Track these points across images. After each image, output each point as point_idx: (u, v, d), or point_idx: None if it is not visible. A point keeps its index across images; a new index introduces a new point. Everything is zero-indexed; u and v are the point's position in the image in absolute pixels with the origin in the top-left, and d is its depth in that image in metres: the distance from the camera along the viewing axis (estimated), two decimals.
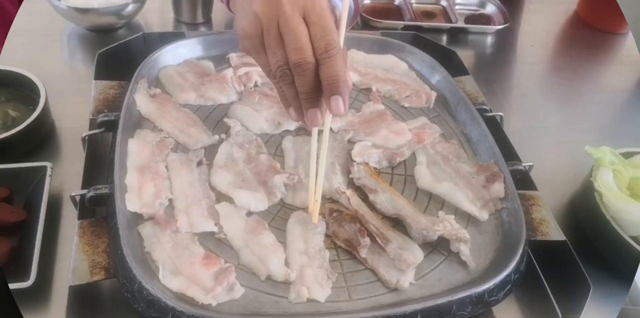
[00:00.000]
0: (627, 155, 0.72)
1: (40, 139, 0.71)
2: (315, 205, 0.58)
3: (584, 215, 0.71)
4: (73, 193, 0.57)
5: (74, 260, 0.52)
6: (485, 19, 1.06)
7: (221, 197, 0.60)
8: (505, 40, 1.06)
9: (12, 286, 0.52)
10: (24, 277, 0.54)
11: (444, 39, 1.03)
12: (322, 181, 0.58)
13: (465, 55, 0.98)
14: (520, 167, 0.67)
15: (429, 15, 1.05)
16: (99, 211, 0.59)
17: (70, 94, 0.78)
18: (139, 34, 0.78)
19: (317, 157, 0.59)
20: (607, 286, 0.65)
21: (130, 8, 0.86)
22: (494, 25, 1.04)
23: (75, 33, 0.90)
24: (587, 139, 0.83)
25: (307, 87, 0.53)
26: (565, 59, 1.05)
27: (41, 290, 0.56)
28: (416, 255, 0.56)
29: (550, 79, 1.00)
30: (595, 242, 0.69)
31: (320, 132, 0.59)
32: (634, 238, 0.65)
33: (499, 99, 0.91)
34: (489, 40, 1.05)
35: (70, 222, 0.62)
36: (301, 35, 0.51)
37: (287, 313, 0.51)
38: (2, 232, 0.60)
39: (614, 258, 0.67)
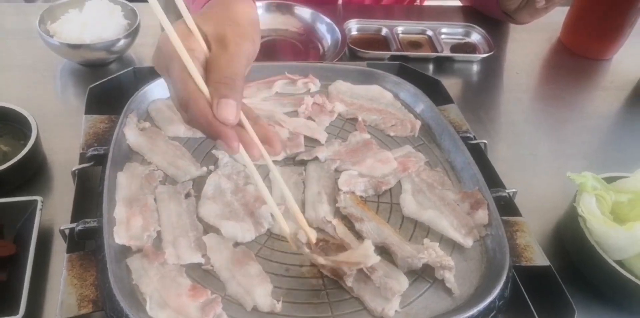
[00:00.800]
0: (610, 180, 0.73)
1: (31, 173, 0.72)
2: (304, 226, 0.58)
3: (569, 240, 0.72)
4: (62, 227, 0.58)
5: (62, 294, 0.52)
6: (471, 48, 1.08)
7: (209, 228, 0.61)
8: (491, 68, 1.08)
9: None
10: (13, 310, 0.55)
11: (430, 68, 1.05)
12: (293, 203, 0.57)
13: (452, 84, 1.00)
14: (504, 194, 0.68)
15: (415, 45, 1.08)
16: (88, 244, 0.60)
17: (61, 128, 0.79)
18: (130, 68, 0.80)
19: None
20: (592, 309, 0.66)
21: (121, 43, 0.89)
22: (479, 53, 1.06)
23: (67, 68, 0.92)
24: (572, 165, 0.84)
25: (205, 134, 0.50)
26: (550, 86, 1.07)
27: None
28: (401, 283, 0.57)
29: (536, 106, 1.02)
30: (580, 267, 0.70)
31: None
32: (618, 262, 0.65)
33: (486, 126, 0.93)
34: (475, 68, 1.07)
35: (59, 255, 0.63)
36: (171, 91, 0.51)
37: None
38: None
39: (599, 283, 0.68)
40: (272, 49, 1.02)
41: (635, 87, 1.07)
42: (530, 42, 1.19)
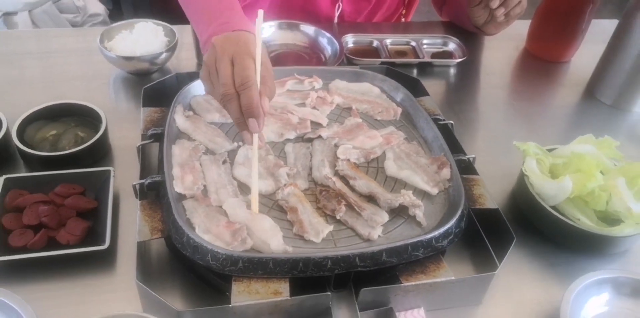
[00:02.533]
0: (552, 150, 0.94)
1: (102, 153, 0.94)
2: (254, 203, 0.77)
3: (518, 194, 0.93)
4: (134, 183, 0.79)
5: (138, 226, 0.73)
6: (448, 55, 1.30)
7: (241, 184, 0.82)
8: (466, 71, 1.30)
9: (93, 249, 0.74)
10: (100, 243, 0.76)
11: (414, 72, 1.26)
12: (256, 183, 0.77)
13: (432, 84, 1.21)
14: (464, 158, 0.89)
15: (401, 53, 1.30)
16: (149, 195, 0.81)
17: (118, 122, 1.00)
18: (173, 74, 1.02)
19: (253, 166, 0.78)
20: (534, 244, 0.87)
21: (163, 56, 1.11)
22: (455, 59, 1.28)
23: (119, 76, 1.15)
24: (527, 141, 1.05)
25: (235, 113, 0.74)
26: (516, 84, 1.29)
27: (112, 251, 0.78)
28: (383, 217, 0.78)
29: (503, 100, 1.23)
30: (527, 214, 0.90)
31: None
32: (552, 207, 0.86)
33: (458, 115, 1.14)
34: (452, 71, 1.28)
35: (126, 207, 0.85)
36: (227, 74, 0.73)
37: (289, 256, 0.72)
38: (81, 216, 0.82)
39: (539, 224, 0.88)
40: (284, 59, 1.24)
41: (588, 83, 1.28)
42: (500, 49, 1.40)
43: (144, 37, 1.11)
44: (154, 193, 0.80)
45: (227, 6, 0.89)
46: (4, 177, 0.83)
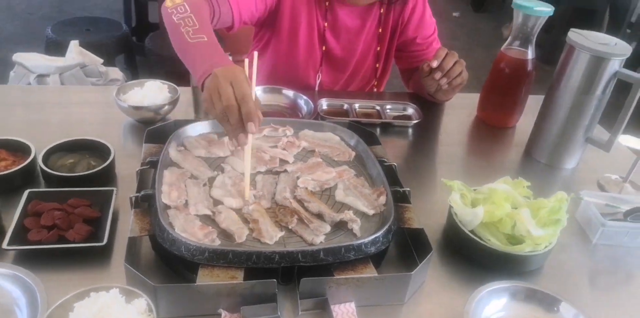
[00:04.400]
0: (476, 189, 1.15)
1: (109, 178, 1.16)
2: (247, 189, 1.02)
3: (447, 222, 1.12)
4: (131, 196, 1.00)
5: (131, 225, 0.93)
6: (407, 118, 1.54)
7: (215, 201, 1.03)
8: (424, 132, 1.52)
9: (93, 245, 0.94)
10: (100, 240, 0.96)
11: (378, 130, 1.50)
12: (249, 173, 1.03)
13: (391, 140, 1.45)
14: (399, 190, 1.09)
15: (367, 115, 1.54)
16: (141, 206, 1.01)
17: (124, 156, 1.22)
18: (172, 120, 1.26)
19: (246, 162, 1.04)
20: (456, 262, 1.05)
21: (166, 107, 1.36)
22: (411, 120, 1.52)
23: (128, 124, 1.39)
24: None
25: (234, 120, 0.97)
26: (467, 143, 1.51)
27: (109, 247, 0.98)
28: (326, 228, 0.98)
29: (455, 155, 1.44)
30: (452, 238, 1.09)
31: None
32: (471, 231, 1.05)
33: (409, 164, 1.36)
34: (410, 131, 1.52)
35: (123, 218, 1.05)
36: (228, 92, 0.98)
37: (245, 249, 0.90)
38: (86, 222, 1.02)
39: (461, 245, 1.07)
40: (267, 116, 1.48)
41: (526, 145, 1.50)
42: (456, 116, 1.64)
43: (151, 92, 1.37)
44: (146, 204, 1.01)
45: (218, 52, 1.15)
46: (28, 190, 1.04)
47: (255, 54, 1.07)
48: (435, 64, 1.37)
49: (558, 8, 1.58)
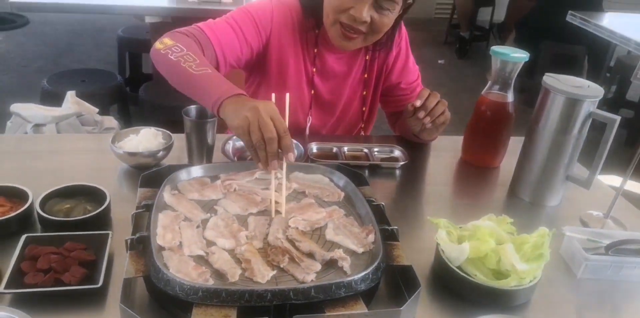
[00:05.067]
0: (462, 226, 1.18)
1: (104, 222, 1.19)
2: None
3: (434, 259, 1.15)
4: (126, 238, 1.03)
5: (126, 267, 0.96)
6: (394, 160, 1.59)
7: (209, 243, 1.06)
8: (411, 173, 1.57)
9: (89, 287, 0.96)
10: (95, 283, 0.98)
11: (366, 172, 1.54)
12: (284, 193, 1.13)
13: (380, 181, 1.49)
14: (388, 228, 1.13)
15: (355, 157, 1.59)
16: (136, 248, 1.04)
17: (120, 201, 1.26)
18: (166, 165, 1.30)
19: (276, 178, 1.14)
20: (445, 299, 1.07)
21: (160, 154, 1.40)
22: (398, 162, 1.56)
23: (123, 170, 1.43)
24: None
25: (273, 149, 1.07)
26: (453, 183, 1.56)
27: (104, 289, 0.99)
28: (317, 266, 1.00)
29: (440, 195, 1.48)
30: (440, 274, 1.12)
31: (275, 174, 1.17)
32: (457, 267, 1.08)
33: (397, 204, 1.39)
34: (398, 172, 1.56)
35: (118, 261, 1.07)
36: (271, 125, 1.07)
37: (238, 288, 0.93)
38: (82, 265, 1.04)
39: (449, 281, 1.09)
40: None
41: (510, 184, 1.54)
42: (441, 158, 1.70)
43: (146, 138, 1.41)
44: (141, 246, 1.03)
45: (226, 81, 1.24)
46: (25, 235, 1.07)
47: (287, 95, 1.22)
48: (418, 103, 1.43)
49: (539, 54, 1.66)
